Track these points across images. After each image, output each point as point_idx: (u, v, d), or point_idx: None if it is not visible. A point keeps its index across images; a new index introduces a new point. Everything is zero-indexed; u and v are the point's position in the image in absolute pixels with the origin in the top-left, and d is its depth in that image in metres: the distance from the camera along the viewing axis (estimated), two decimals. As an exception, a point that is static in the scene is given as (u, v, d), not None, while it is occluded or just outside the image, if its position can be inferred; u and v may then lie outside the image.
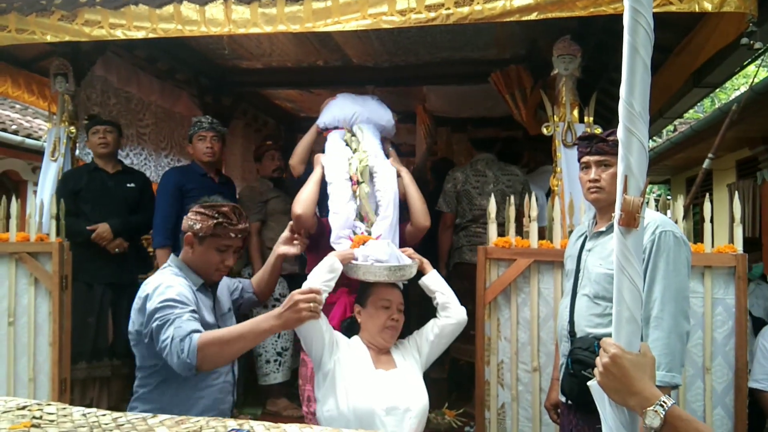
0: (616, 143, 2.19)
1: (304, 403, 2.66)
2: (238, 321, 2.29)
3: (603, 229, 2.30)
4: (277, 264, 2.60)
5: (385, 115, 3.29)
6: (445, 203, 4.16)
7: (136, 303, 2.17)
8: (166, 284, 2.11)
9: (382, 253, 2.45)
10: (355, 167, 2.81)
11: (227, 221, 2.20)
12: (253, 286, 2.60)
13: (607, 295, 2.14)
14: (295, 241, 2.64)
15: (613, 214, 1.24)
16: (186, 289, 2.14)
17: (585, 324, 2.23)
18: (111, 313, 3.82)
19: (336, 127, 3.15)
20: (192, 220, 2.22)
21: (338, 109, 3.19)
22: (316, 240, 2.76)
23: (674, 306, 2.07)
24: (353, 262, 2.45)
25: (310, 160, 3.15)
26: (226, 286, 2.47)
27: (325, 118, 3.19)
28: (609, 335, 1.29)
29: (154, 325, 2.02)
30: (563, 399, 2.29)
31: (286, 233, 2.65)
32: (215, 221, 2.18)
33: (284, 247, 2.62)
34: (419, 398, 2.32)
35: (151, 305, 2.06)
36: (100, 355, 3.77)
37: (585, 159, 2.31)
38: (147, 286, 2.16)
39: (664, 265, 2.09)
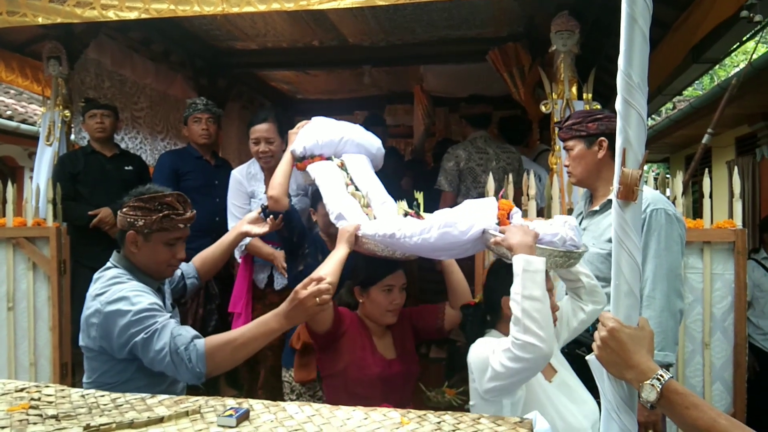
0: (571, 127, 2.27)
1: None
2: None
3: (597, 208, 2.30)
4: (234, 243, 2.45)
5: (375, 143, 2.75)
6: (447, 182, 3.95)
7: (89, 314, 1.91)
8: (128, 291, 1.88)
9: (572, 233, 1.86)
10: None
11: (174, 212, 1.97)
12: (196, 267, 2.37)
13: (600, 275, 2.14)
14: (263, 223, 2.48)
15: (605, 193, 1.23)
16: (149, 293, 1.94)
17: None
18: None
19: (315, 156, 2.59)
20: (132, 216, 1.95)
21: (322, 133, 2.61)
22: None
23: (666, 284, 2.08)
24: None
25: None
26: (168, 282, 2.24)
27: (304, 143, 2.57)
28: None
29: (138, 339, 1.81)
30: None
31: (253, 213, 2.51)
32: (161, 214, 1.94)
33: (249, 225, 2.45)
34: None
35: (120, 319, 1.83)
36: None
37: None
38: (101, 297, 1.89)
39: (655, 244, 2.10)
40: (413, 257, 2.28)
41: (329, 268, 2.09)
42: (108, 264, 2.03)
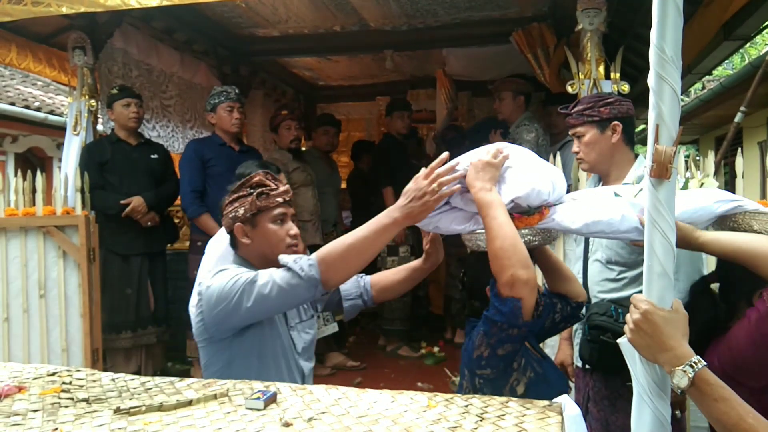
0: (582, 113, 2.20)
1: None
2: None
3: None
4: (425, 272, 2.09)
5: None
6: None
7: (196, 303, 1.83)
8: (226, 269, 1.80)
9: None
10: None
11: (266, 188, 1.88)
12: (372, 288, 2.10)
13: (620, 260, 2.14)
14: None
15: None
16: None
17: (598, 289, 2.22)
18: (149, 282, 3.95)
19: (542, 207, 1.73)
20: (232, 211, 1.88)
21: (537, 178, 1.68)
22: None
23: (690, 266, 2.06)
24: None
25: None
26: None
27: (516, 192, 1.65)
28: (624, 299, 1.26)
29: (237, 291, 1.68)
30: (579, 364, 2.27)
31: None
32: (254, 194, 1.86)
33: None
34: None
35: (219, 287, 1.71)
36: (144, 323, 3.90)
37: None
38: (202, 284, 1.81)
39: None
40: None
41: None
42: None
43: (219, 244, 2.63)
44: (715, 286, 1.94)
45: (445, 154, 1.71)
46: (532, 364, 1.66)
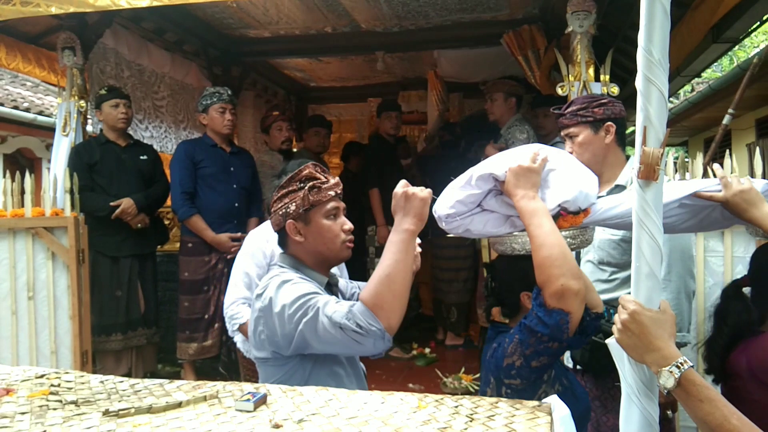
0: (576, 113, 2.21)
1: None
2: None
3: (603, 193, 2.26)
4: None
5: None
6: None
7: (255, 318, 1.74)
8: (286, 282, 1.70)
9: None
10: None
11: (318, 182, 1.78)
12: None
13: (612, 261, 2.16)
14: None
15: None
16: (311, 283, 1.74)
17: None
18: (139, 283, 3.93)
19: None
20: (282, 208, 1.78)
21: (583, 179, 1.69)
22: None
23: (681, 266, 2.09)
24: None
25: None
26: (339, 287, 1.99)
27: (563, 196, 1.63)
28: (616, 300, 1.27)
29: (302, 324, 1.60)
30: (571, 365, 2.28)
31: None
32: (306, 188, 1.76)
33: None
34: None
35: (281, 309, 1.63)
36: (134, 325, 3.88)
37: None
38: (262, 296, 1.72)
39: None
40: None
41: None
42: (277, 264, 1.86)
43: (252, 242, 2.65)
44: (747, 289, 1.93)
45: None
46: (561, 377, 1.63)
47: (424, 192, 1.64)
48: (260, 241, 2.61)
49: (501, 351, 1.60)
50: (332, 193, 1.80)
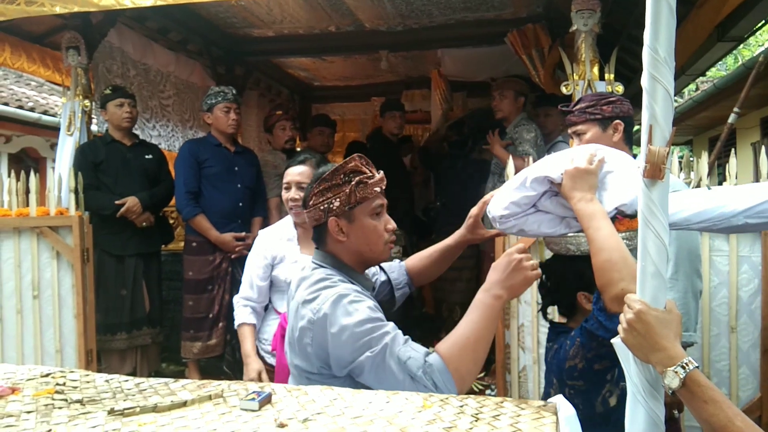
0: (584, 110, 2.20)
1: None
2: None
3: None
4: (454, 249, 1.97)
5: None
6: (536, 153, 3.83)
7: (302, 327, 1.59)
8: (343, 297, 1.55)
9: None
10: None
11: (364, 176, 1.65)
12: (409, 273, 1.97)
13: None
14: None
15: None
16: (366, 296, 1.62)
17: None
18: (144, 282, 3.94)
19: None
20: (323, 203, 1.64)
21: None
22: None
23: (689, 265, 2.09)
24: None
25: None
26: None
27: (622, 198, 1.60)
28: None
29: (364, 358, 1.49)
30: None
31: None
32: (353, 183, 1.63)
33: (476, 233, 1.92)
34: None
35: (339, 331, 1.50)
36: (139, 324, 3.90)
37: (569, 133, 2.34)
38: (311, 305, 1.57)
39: None
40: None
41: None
42: (311, 264, 1.72)
43: (262, 239, 2.66)
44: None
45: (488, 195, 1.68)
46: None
47: (533, 273, 1.56)
48: (267, 242, 2.65)
49: (563, 353, 1.59)
50: (378, 189, 1.67)
